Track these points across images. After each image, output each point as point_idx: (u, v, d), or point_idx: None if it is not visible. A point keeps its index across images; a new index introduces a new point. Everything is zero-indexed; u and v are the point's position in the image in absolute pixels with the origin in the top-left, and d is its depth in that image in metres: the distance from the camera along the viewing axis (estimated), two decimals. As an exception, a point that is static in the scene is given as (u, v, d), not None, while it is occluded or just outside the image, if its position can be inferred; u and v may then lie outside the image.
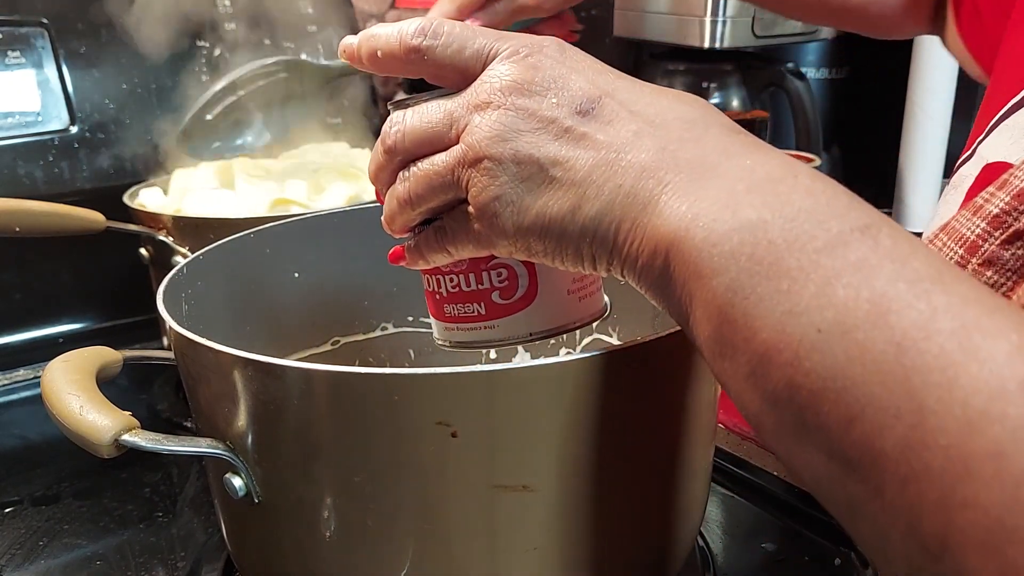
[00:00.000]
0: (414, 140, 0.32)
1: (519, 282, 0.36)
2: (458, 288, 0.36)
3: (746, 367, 0.25)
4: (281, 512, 0.38)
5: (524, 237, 0.30)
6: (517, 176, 0.29)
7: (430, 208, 0.33)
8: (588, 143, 0.28)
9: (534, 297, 0.36)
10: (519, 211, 0.29)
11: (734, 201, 0.25)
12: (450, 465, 0.34)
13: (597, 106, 0.29)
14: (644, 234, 0.27)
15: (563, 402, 0.34)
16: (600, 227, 0.28)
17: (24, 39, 0.80)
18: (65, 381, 0.37)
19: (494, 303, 0.36)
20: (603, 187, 0.28)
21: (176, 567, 0.51)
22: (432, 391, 0.33)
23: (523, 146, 0.29)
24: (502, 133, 0.29)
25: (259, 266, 0.54)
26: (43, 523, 0.56)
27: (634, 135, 0.28)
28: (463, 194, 0.31)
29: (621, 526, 0.39)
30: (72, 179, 0.83)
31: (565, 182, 0.28)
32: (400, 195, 0.33)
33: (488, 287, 0.36)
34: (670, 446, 0.39)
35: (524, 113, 0.29)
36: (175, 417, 0.71)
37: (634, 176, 0.27)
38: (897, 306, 0.22)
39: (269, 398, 0.35)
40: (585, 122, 0.28)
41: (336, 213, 0.58)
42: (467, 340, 0.37)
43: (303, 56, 0.91)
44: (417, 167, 0.32)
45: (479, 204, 0.30)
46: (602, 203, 0.28)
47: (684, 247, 0.26)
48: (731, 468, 0.59)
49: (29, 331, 0.86)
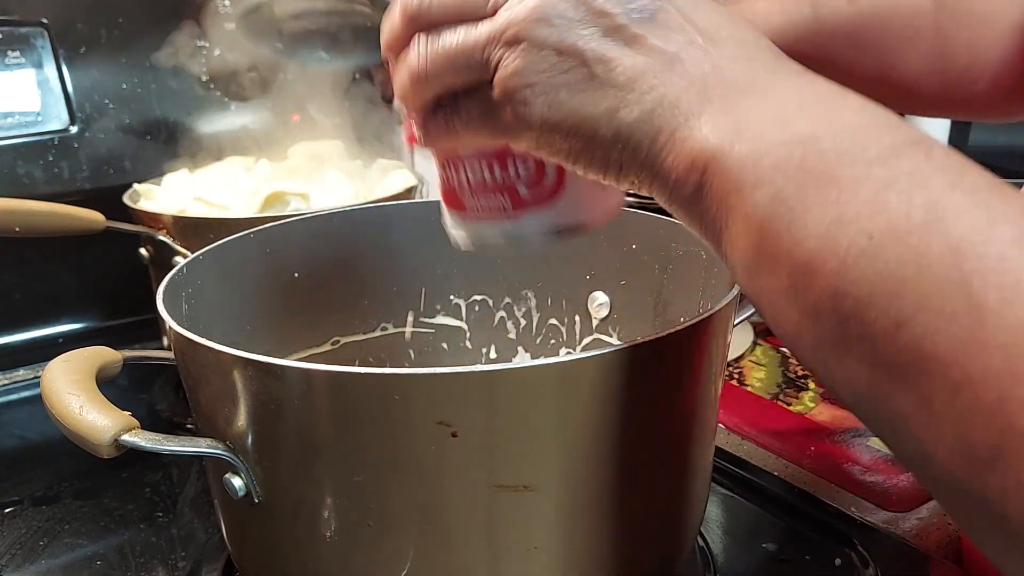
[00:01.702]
0: (443, 7, 0.29)
1: (547, 171, 0.33)
2: (482, 178, 0.34)
3: (786, 280, 0.24)
4: (281, 512, 0.38)
5: (551, 133, 0.28)
6: (556, 66, 0.27)
7: (450, 87, 0.30)
8: (639, 46, 0.27)
9: (562, 187, 0.34)
10: (551, 104, 0.27)
11: (783, 116, 0.25)
12: (450, 465, 0.34)
13: (656, 11, 0.27)
14: (683, 147, 0.26)
15: (563, 402, 0.34)
16: (635, 135, 0.27)
17: (24, 39, 0.80)
18: (65, 381, 0.37)
19: (521, 196, 0.34)
20: (647, 94, 0.26)
21: (176, 567, 0.51)
22: (432, 391, 0.33)
23: (569, 35, 0.27)
24: (549, 16, 0.27)
25: (259, 266, 0.54)
26: (43, 523, 0.56)
27: (687, 45, 0.27)
28: (489, 75, 0.28)
29: (621, 526, 0.39)
30: (72, 179, 0.83)
31: (607, 82, 0.27)
32: (414, 69, 0.30)
33: (515, 176, 0.33)
34: (670, 446, 0.39)
35: (576, 0, 0.27)
36: (175, 417, 0.71)
37: (680, 88, 0.26)
38: (954, 212, 0.21)
39: (269, 398, 0.35)
40: (640, 23, 0.27)
41: (336, 213, 0.58)
42: (497, 239, 0.35)
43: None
44: (441, 39, 0.29)
45: (509, 88, 0.28)
46: (642, 110, 0.26)
47: (726, 160, 0.25)
48: (731, 468, 0.59)
49: (29, 331, 0.86)
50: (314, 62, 0.84)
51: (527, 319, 0.62)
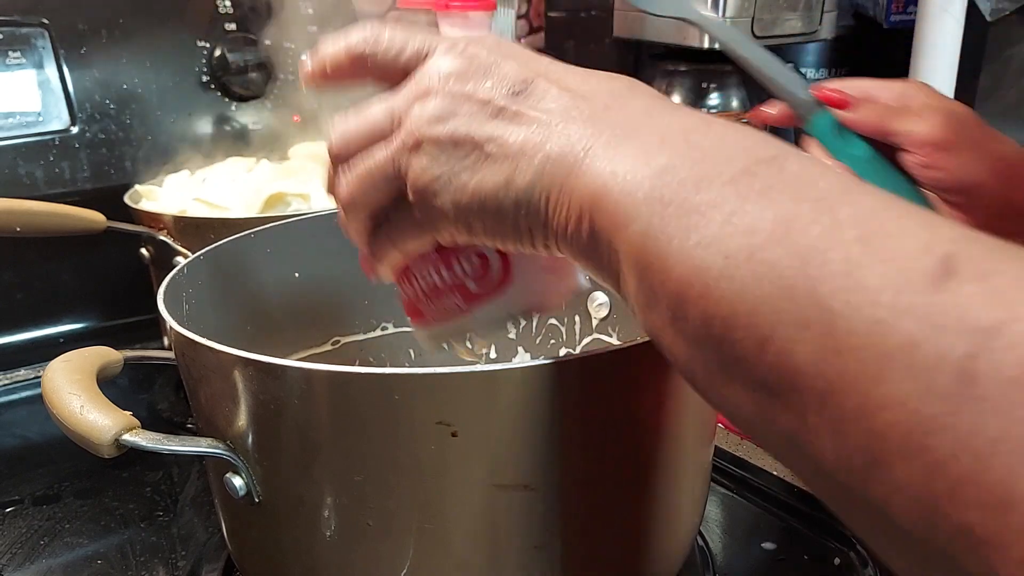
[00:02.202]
0: (358, 141, 0.32)
1: (491, 263, 0.35)
2: (432, 283, 0.36)
3: (667, 312, 0.25)
4: (281, 512, 0.38)
5: (464, 216, 0.30)
6: (455, 156, 0.29)
7: (376, 206, 0.32)
8: (521, 119, 0.29)
9: (508, 276, 0.35)
10: (457, 189, 0.29)
11: (648, 152, 0.26)
12: (450, 465, 0.34)
13: (530, 86, 0.29)
14: (570, 199, 0.28)
15: (563, 402, 0.34)
16: (532, 197, 0.28)
17: (25, 39, 0.80)
18: (66, 381, 0.37)
19: (471, 292, 0.35)
20: (534, 158, 0.28)
21: (177, 566, 0.51)
22: (432, 391, 0.33)
23: (460, 126, 0.29)
24: (441, 116, 0.29)
25: (259, 266, 0.54)
26: (44, 522, 0.56)
27: (564, 108, 0.29)
28: (404, 183, 0.31)
29: (621, 525, 0.39)
30: (73, 179, 0.84)
31: (499, 157, 0.29)
32: (343, 199, 0.33)
33: (462, 274, 0.35)
34: (670, 445, 0.39)
35: (461, 97, 0.30)
36: (176, 417, 0.71)
37: (562, 144, 0.28)
38: (801, 223, 0.22)
39: (269, 398, 0.35)
40: (518, 101, 0.29)
41: (336, 213, 0.58)
42: (452, 336, 0.37)
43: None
44: (358, 165, 0.32)
45: (419, 186, 0.30)
46: (533, 173, 0.28)
47: (604, 202, 0.26)
48: (731, 468, 0.59)
49: (30, 331, 0.86)
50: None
51: (527, 319, 0.62)
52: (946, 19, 0.85)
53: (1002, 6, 0.88)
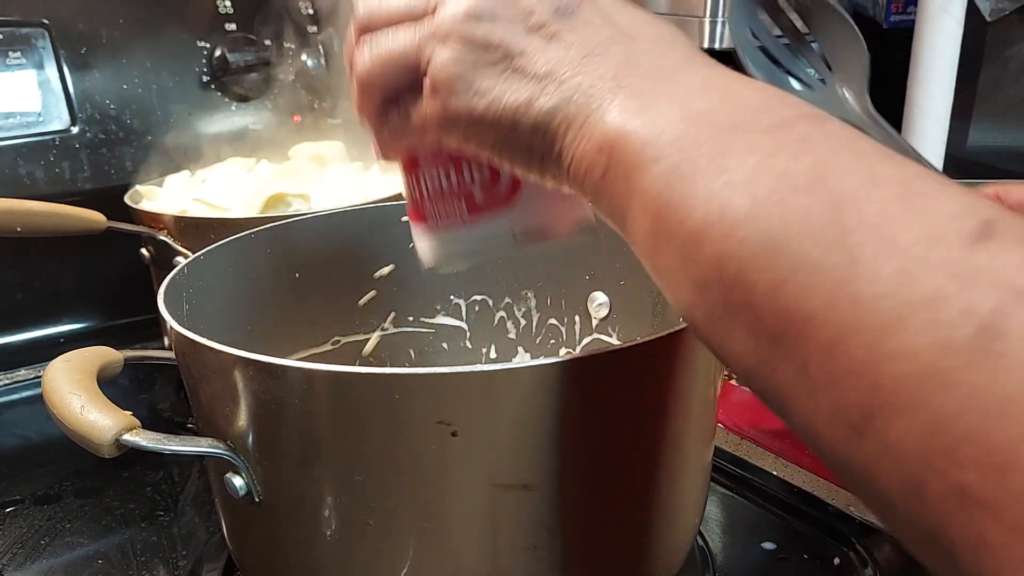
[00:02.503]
0: (387, 15, 0.30)
1: (501, 177, 0.34)
2: (438, 185, 0.34)
3: (679, 253, 0.24)
4: (282, 511, 0.38)
5: (476, 124, 0.29)
6: (482, 60, 0.28)
7: (392, 88, 0.31)
8: (559, 40, 0.28)
9: (517, 192, 0.34)
10: (476, 94, 0.29)
11: (686, 97, 0.25)
12: (450, 464, 0.34)
13: (577, 8, 0.29)
14: (592, 132, 0.27)
15: (563, 402, 0.34)
16: (551, 124, 0.28)
17: (25, 39, 0.80)
18: (66, 381, 0.37)
19: (476, 202, 0.34)
20: (562, 84, 0.27)
21: (177, 566, 0.51)
22: (432, 391, 0.33)
23: (495, 30, 0.28)
24: (479, 13, 0.28)
25: (260, 266, 0.54)
26: (44, 522, 0.56)
27: (605, 40, 0.28)
28: (424, 74, 0.30)
29: (621, 525, 0.39)
30: (73, 179, 0.84)
31: (527, 73, 0.28)
32: (360, 73, 0.31)
33: (470, 181, 0.34)
34: (670, 445, 0.39)
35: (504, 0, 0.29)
36: (176, 417, 0.71)
37: (595, 78, 0.27)
38: (838, 172, 0.21)
39: (270, 398, 0.35)
40: (561, 20, 0.28)
41: (336, 213, 0.58)
42: (454, 252, 0.36)
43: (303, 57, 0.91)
44: (383, 41, 0.30)
45: (437, 80, 0.29)
46: (558, 99, 0.27)
47: (627, 141, 0.26)
48: (731, 468, 0.59)
49: (30, 331, 0.86)
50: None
51: (527, 319, 0.62)
52: (946, 19, 0.85)
53: (1002, 6, 0.88)
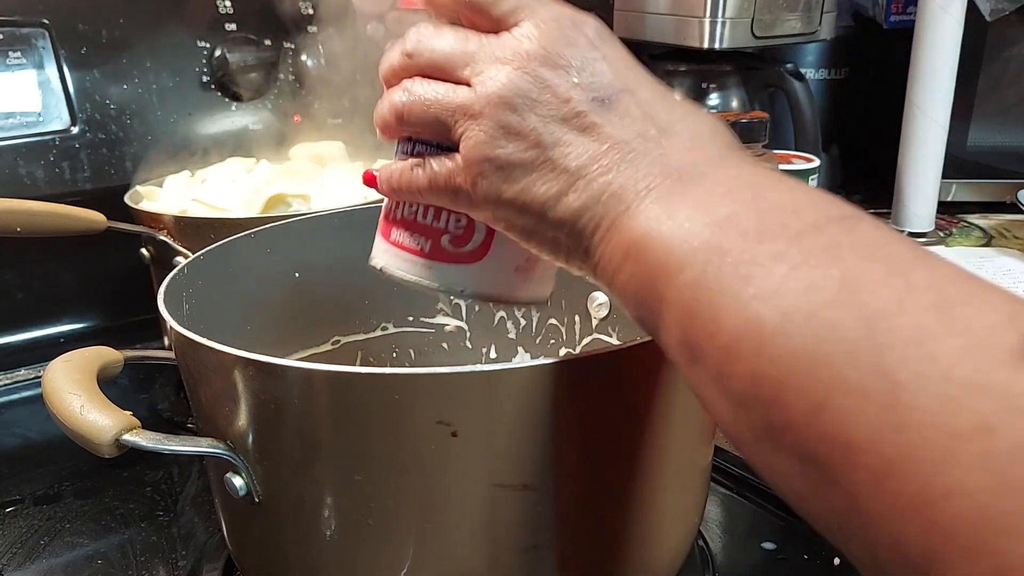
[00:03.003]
0: (431, 61, 0.30)
1: (474, 237, 0.34)
2: (413, 217, 0.35)
3: (713, 368, 0.23)
4: (282, 511, 0.38)
5: (504, 208, 0.29)
6: (515, 145, 0.28)
7: (418, 134, 0.32)
8: (594, 134, 0.27)
9: (481, 257, 0.35)
10: (505, 180, 0.28)
11: (712, 201, 0.25)
12: (450, 464, 0.34)
13: (615, 99, 0.28)
14: (619, 235, 0.26)
15: (563, 402, 0.34)
16: (580, 221, 0.27)
17: (25, 39, 0.80)
18: (66, 381, 0.37)
19: (441, 246, 0.35)
20: (593, 181, 0.27)
21: (177, 566, 0.51)
22: (432, 391, 0.33)
23: (530, 118, 0.28)
24: (513, 98, 0.28)
25: (259, 266, 0.54)
26: (44, 522, 0.56)
27: (639, 136, 0.27)
28: (455, 140, 0.30)
29: (621, 525, 0.39)
30: (73, 179, 0.84)
31: (559, 167, 0.27)
32: (396, 105, 0.31)
33: (443, 228, 0.34)
34: (670, 445, 0.39)
35: (541, 84, 0.28)
36: (176, 417, 0.71)
37: (627, 177, 0.26)
38: (870, 284, 0.20)
39: (270, 398, 0.35)
40: (598, 111, 0.27)
41: (336, 213, 0.58)
42: (400, 271, 0.36)
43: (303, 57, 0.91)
44: (422, 88, 0.30)
45: (469, 159, 0.29)
46: (588, 197, 0.27)
47: (653, 246, 0.25)
48: (731, 468, 0.59)
49: (30, 331, 0.86)
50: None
51: (527, 319, 0.62)
52: (946, 19, 0.85)
53: (1002, 6, 0.88)
